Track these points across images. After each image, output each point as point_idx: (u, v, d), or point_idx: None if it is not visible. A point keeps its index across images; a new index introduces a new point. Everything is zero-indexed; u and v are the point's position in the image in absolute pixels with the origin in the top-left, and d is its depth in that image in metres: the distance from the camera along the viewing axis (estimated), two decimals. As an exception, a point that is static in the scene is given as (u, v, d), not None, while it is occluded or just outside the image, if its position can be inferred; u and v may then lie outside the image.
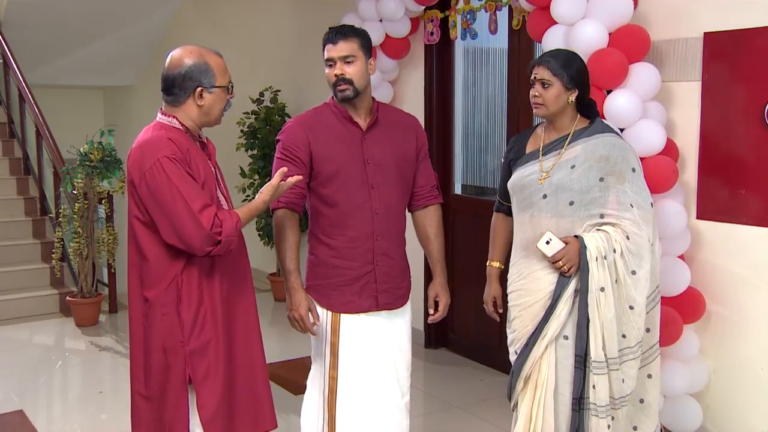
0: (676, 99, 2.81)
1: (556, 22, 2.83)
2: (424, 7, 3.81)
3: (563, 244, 2.11)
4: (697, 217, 2.77)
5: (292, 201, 2.19)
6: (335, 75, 2.17)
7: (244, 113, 5.22)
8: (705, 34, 2.69)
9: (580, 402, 2.14)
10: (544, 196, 2.17)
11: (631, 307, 2.12)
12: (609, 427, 2.14)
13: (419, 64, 4.11)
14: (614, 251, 2.08)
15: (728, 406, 2.75)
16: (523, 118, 3.70)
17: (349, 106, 2.22)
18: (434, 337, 4.24)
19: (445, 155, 4.17)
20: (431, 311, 2.36)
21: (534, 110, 2.22)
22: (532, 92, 2.19)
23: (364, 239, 2.20)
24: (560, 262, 2.10)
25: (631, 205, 2.11)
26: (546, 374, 2.16)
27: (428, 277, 4.12)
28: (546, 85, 2.15)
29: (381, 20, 3.86)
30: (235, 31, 6.05)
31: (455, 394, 3.60)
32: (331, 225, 2.21)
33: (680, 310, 2.67)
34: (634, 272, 2.11)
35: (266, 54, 5.66)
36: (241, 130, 5.20)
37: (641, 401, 2.26)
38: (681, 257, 2.73)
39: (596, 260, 2.07)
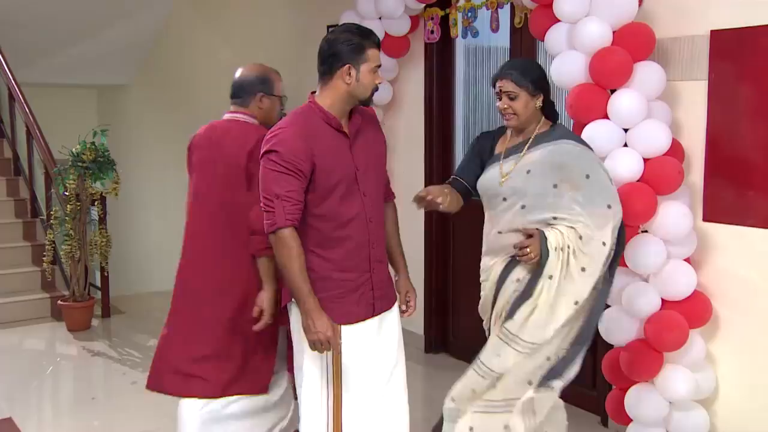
0: (681, 98, 2.81)
1: (559, 20, 2.83)
2: (424, 5, 3.81)
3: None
4: (704, 219, 2.77)
5: (297, 218, 2.11)
6: (379, 83, 2.18)
7: (240, 113, 5.21)
8: (711, 31, 2.69)
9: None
10: (504, 199, 2.34)
11: (576, 302, 2.24)
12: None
13: (419, 63, 4.11)
14: (568, 247, 2.23)
15: (736, 412, 2.74)
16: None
17: (342, 113, 2.19)
18: (434, 342, 4.23)
19: (446, 155, 4.17)
20: (403, 307, 2.38)
21: (506, 122, 2.36)
22: (500, 104, 2.34)
23: (361, 249, 2.20)
24: (528, 248, 2.24)
25: (582, 211, 2.24)
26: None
27: (429, 280, 4.15)
28: (513, 97, 2.31)
29: (380, 18, 3.86)
30: (232, 30, 6.05)
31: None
32: (326, 239, 2.17)
33: (686, 315, 2.67)
34: (583, 269, 2.23)
35: (264, 53, 5.65)
36: (237, 131, 5.19)
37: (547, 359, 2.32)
38: (687, 260, 2.73)
39: (555, 250, 2.23)
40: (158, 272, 7.35)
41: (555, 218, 2.25)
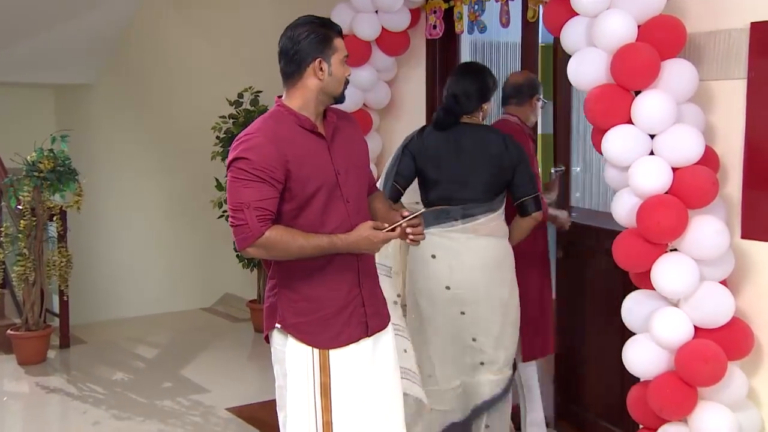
0: (716, 100, 2.80)
1: (577, 14, 2.83)
2: (425, -4, 3.83)
3: None
4: (742, 237, 2.75)
5: (272, 219, 2.15)
6: (348, 75, 2.24)
7: (220, 117, 5.22)
8: (752, 24, 2.69)
9: None
10: None
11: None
12: None
13: (420, 61, 4.12)
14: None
15: (783, 457, 2.72)
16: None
17: (316, 113, 2.21)
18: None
19: (450, 165, 4.16)
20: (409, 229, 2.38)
21: None
22: None
23: (349, 261, 2.22)
24: None
25: None
26: None
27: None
28: None
29: (377, 12, 3.87)
30: (210, 24, 6.07)
31: None
32: None
33: (723, 345, 2.64)
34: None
35: (246, 50, 5.68)
36: (217, 137, 5.20)
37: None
38: (723, 282, 2.71)
39: None
40: (126, 296, 7.32)
41: None
